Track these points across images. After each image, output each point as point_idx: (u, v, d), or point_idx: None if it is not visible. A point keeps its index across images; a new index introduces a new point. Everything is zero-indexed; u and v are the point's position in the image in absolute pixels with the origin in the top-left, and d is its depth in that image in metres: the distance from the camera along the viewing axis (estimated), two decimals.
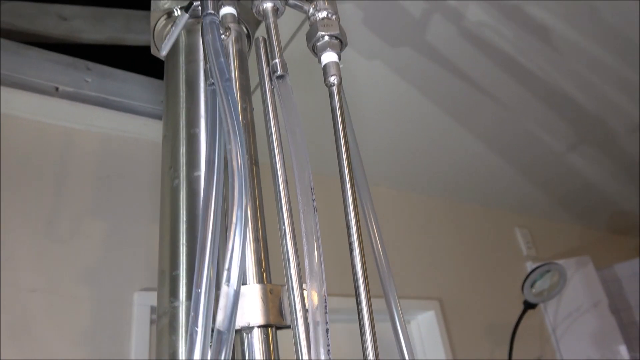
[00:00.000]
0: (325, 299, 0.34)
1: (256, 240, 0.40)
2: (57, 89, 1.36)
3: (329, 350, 0.32)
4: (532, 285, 1.63)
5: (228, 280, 0.34)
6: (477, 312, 2.09)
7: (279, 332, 0.38)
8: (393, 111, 1.65)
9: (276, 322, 0.37)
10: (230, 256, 0.34)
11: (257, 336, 0.36)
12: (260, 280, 0.39)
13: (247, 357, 0.36)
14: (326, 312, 0.34)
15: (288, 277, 0.36)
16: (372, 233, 0.53)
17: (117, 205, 1.36)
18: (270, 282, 0.39)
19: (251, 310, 0.37)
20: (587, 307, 2.28)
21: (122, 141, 1.44)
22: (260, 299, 0.37)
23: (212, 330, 0.32)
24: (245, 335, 0.37)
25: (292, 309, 0.35)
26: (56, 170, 1.32)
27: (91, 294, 1.24)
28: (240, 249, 0.34)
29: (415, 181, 2.16)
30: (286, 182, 0.39)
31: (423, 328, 1.98)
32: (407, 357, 0.43)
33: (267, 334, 0.37)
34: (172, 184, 0.47)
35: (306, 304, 0.35)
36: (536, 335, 2.22)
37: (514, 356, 1.77)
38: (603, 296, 2.27)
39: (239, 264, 0.34)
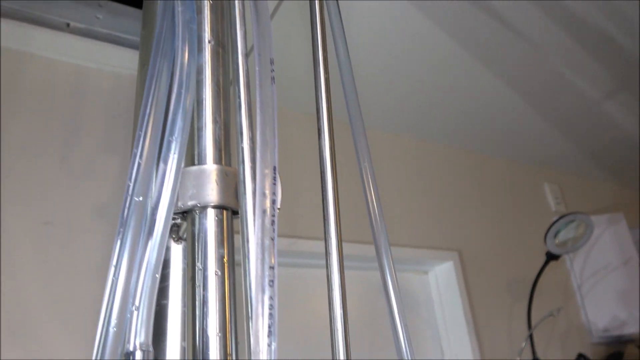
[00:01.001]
0: (274, 177, 0.31)
1: (215, 121, 0.37)
2: (68, 25, 1.34)
3: (273, 241, 0.29)
4: (555, 236, 1.56)
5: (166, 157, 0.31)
6: (498, 265, 2.04)
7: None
8: (413, 53, 1.57)
9: (231, 204, 0.34)
10: (169, 134, 0.31)
11: (210, 217, 0.34)
12: (217, 161, 0.36)
13: (197, 239, 0.33)
14: (274, 200, 0.30)
15: (239, 151, 0.33)
16: (365, 177, 0.48)
17: (130, 143, 1.35)
18: (229, 165, 0.37)
19: (204, 189, 0.34)
20: (617, 265, 2.19)
21: (133, 80, 1.43)
22: (215, 180, 0.34)
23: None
24: (197, 215, 0.34)
25: (241, 185, 0.32)
26: (69, 108, 1.32)
27: (105, 228, 1.26)
28: (180, 129, 0.31)
29: (438, 131, 2.08)
30: (246, 55, 0.36)
31: (441, 280, 1.96)
32: (395, 310, 0.39)
33: (221, 217, 0.34)
34: None
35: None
36: (560, 292, 2.16)
37: (534, 311, 1.73)
38: (634, 254, 2.17)
39: (179, 142, 0.31)
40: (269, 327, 0.27)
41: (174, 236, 0.43)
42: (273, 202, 0.30)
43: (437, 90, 1.80)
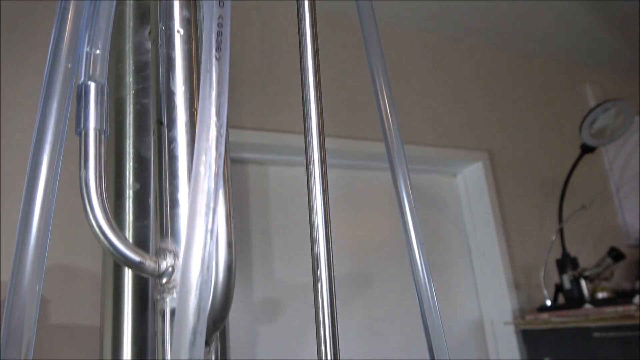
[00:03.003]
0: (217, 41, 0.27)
1: None
2: None
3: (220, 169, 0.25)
4: (591, 125, 1.47)
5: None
6: (530, 166, 1.97)
7: None
8: None
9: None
10: None
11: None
12: None
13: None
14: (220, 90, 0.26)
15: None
16: (375, 72, 0.43)
17: None
18: None
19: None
20: None
21: None
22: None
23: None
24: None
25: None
26: None
27: None
28: None
29: (470, 29, 1.95)
30: None
31: (470, 182, 1.92)
32: (407, 211, 0.36)
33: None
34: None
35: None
36: (596, 193, 2.08)
37: (567, 210, 1.67)
38: None
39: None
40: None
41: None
42: None
43: None
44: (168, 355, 0.26)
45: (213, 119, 0.23)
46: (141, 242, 0.38)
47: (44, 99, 0.26)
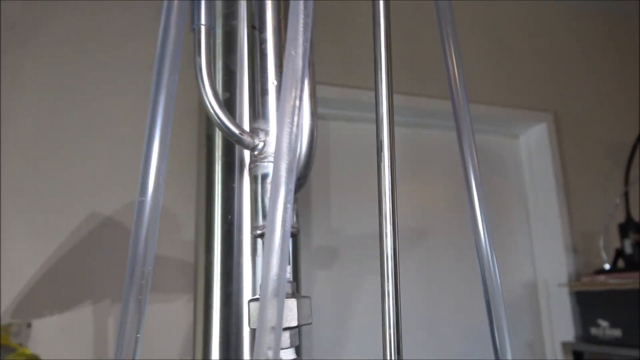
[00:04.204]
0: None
1: None
2: None
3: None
4: None
5: None
6: (598, 129, 1.90)
7: None
8: None
9: None
10: None
11: None
12: None
13: None
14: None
15: None
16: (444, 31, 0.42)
17: None
18: None
19: None
20: None
21: None
22: None
23: None
24: None
25: None
26: None
27: None
28: None
29: None
30: None
31: (532, 143, 1.88)
32: (470, 172, 0.35)
33: None
34: None
35: None
36: None
37: (633, 176, 1.61)
38: None
39: None
40: None
41: None
42: None
43: None
44: (260, 212, 0.32)
45: (301, 7, 0.29)
46: None
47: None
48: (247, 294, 0.44)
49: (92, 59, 1.27)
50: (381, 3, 0.39)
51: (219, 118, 0.31)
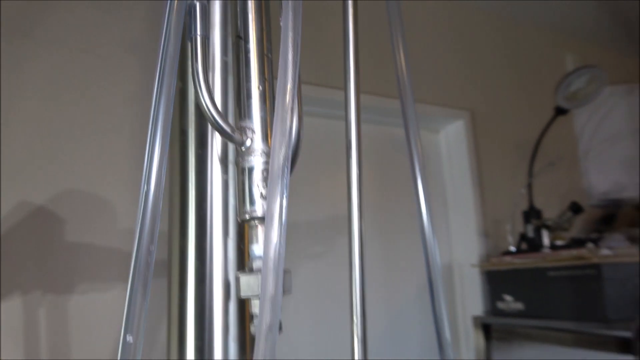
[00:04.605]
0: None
1: None
2: None
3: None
4: (566, 89, 1.61)
5: None
6: (508, 127, 2.11)
7: None
8: None
9: None
10: None
11: None
12: None
13: None
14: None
15: None
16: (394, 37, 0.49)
17: None
18: None
19: None
20: (626, 134, 2.25)
21: None
22: None
23: None
24: None
25: None
26: None
27: (139, 63, 1.35)
28: None
29: None
30: None
31: (451, 138, 2.05)
32: (416, 166, 0.43)
33: None
34: None
35: None
36: (566, 156, 2.25)
37: (536, 170, 1.82)
38: None
39: None
40: None
41: None
42: None
43: None
44: (247, 199, 0.37)
45: (290, 24, 0.34)
46: None
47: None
48: (218, 273, 0.49)
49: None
50: (350, 3, 0.45)
51: (214, 119, 0.36)
